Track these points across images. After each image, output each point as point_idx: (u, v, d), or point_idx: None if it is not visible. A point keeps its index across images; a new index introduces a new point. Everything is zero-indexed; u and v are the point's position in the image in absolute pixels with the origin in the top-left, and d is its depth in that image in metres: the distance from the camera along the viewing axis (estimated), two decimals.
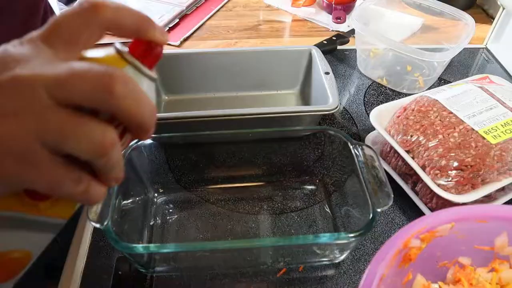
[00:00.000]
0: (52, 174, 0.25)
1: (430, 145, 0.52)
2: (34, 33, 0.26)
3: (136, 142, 0.52)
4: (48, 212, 0.29)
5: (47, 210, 0.29)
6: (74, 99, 0.24)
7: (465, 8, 0.99)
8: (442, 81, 0.80)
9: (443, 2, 0.79)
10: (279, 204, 0.57)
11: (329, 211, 0.56)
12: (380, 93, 0.78)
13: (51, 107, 0.24)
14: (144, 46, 0.29)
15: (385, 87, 0.79)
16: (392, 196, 0.45)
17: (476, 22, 0.75)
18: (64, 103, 0.24)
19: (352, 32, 0.89)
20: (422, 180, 0.52)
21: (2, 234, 0.28)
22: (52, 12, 0.62)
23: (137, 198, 0.54)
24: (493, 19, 0.86)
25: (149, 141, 0.53)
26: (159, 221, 0.55)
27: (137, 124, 0.27)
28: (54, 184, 0.25)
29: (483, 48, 0.90)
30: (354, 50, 0.84)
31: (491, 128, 0.52)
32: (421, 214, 0.55)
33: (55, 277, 0.76)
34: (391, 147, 0.57)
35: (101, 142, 0.25)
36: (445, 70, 0.79)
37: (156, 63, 0.31)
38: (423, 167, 0.52)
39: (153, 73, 0.30)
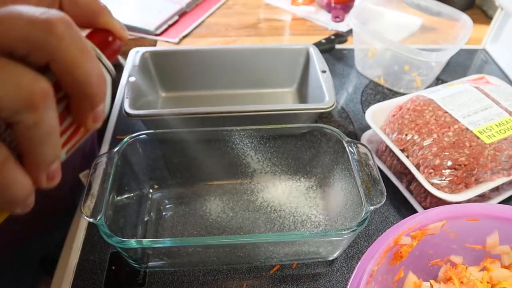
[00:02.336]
0: None
1: (424, 144, 0.52)
2: None
3: (133, 137, 0.52)
4: None
5: None
6: (6, 40, 0.20)
7: (464, 9, 0.99)
8: (439, 81, 0.80)
9: (442, 2, 0.79)
10: (274, 201, 0.57)
11: (323, 208, 0.56)
12: (377, 93, 0.78)
13: None
14: (102, 36, 0.28)
15: (383, 86, 0.79)
16: (385, 194, 0.45)
17: (475, 23, 0.75)
18: None
19: (350, 31, 0.89)
20: (416, 179, 0.52)
21: None
22: None
23: (132, 194, 0.54)
24: (492, 20, 0.86)
25: (145, 136, 0.53)
26: (154, 216, 0.55)
27: (81, 83, 0.22)
28: None
29: (481, 49, 0.90)
30: (352, 49, 0.84)
31: (486, 128, 0.52)
32: (415, 213, 0.55)
33: (50, 270, 0.76)
34: (387, 146, 0.57)
35: (29, 88, 0.20)
36: (443, 70, 0.79)
37: (114, 58, 0.28)
38: (417, 166, 0.52)
39: (111, 66, 0.27)
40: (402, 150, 0.54)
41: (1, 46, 0.20)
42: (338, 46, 0.87)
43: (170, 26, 0.97)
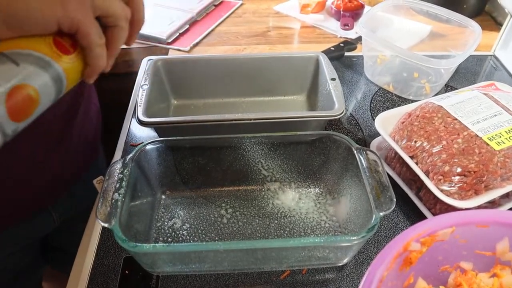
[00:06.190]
0: (89, 20, 0.37)
1: (434, 151, 0.53)
2: None
3: (146, 144, 0.53)
4: (66, 65, 0.37)
5: (66, 64, 0.37)
6: None
7: (473, 16, 0.99)
8: (449, 88, 0.80)
9: (451, 9, 0.79)
10: (284, 207, 0.58)
11: (333, 214, 0.57)
12: (386, 100, 0.78)
13: None
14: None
15: (392, 93, 0.79)
16: (395, 200, 0.46)
17: (484, 29, 0.75)
18: None
19: (359, 39, 0.89)
20: (426, 186, 0.52)
21: (28, 67, 0.34)
22: None
23: (145, 200, 0.55)
24: (502, 26, 0.86)
25: (157, 143, 0.54)
26: (166, 222, 0.56)
27: (141, 12, 0.43)
28: (87, 27, 0.36)
29: (491, 55, 0.90)
30: (362, 57, 0.84)
31: (495, 135, 0.52)
32: (425, 219, 0.55)
33: (53, 259, 0.77)
34: (396, 153, 0.58)
35: (127, 10, 0.40)
36: (452, 77, 0.79)
37: None
38: (427, 173, 0.52)
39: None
40: (411, 157, 0.55)
41: None
42: (347, 54, 0.88)
43: (181, 34, 0.98)
